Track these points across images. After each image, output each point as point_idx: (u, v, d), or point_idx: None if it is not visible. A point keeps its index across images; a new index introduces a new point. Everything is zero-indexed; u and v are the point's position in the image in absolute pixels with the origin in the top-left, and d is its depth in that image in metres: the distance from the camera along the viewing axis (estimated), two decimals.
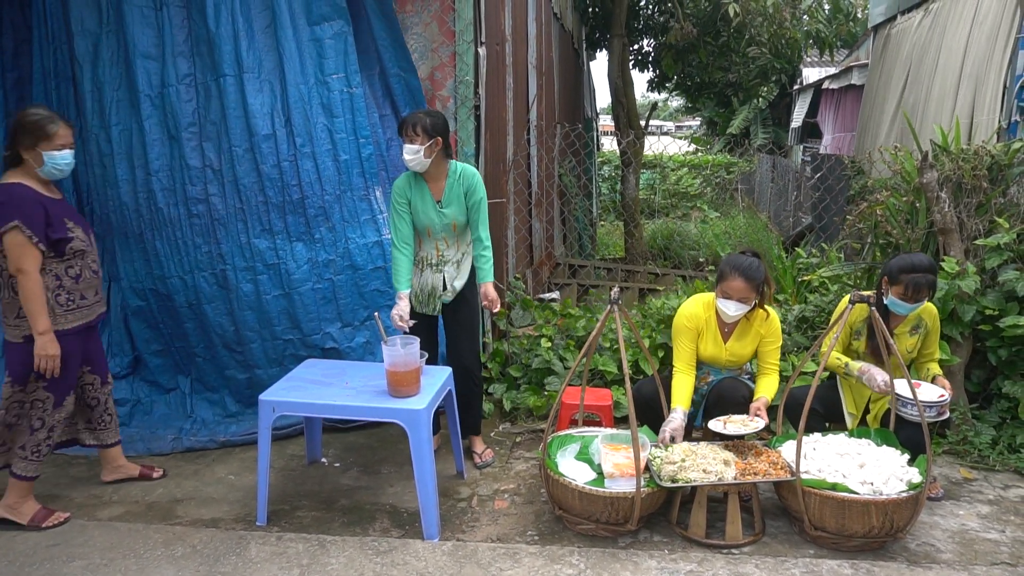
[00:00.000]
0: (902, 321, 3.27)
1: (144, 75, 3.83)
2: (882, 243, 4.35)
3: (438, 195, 3.40)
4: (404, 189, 3.39)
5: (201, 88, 3.85)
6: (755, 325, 3.27)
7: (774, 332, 3.28)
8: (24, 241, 2.84)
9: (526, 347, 4.48)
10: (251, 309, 3.92)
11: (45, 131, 2.88)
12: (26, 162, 2.92)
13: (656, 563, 2.80)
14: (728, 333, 3.28)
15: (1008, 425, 3.75)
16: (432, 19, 4.20)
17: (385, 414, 2.97)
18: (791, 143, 17.03)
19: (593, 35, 11.54)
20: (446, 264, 3.48)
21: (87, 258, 3.08)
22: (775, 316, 3.31)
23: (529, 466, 3.67)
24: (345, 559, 2.83)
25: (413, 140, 3.25)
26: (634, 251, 9.35)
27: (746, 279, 3.09)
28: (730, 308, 3.13)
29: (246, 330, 3.95)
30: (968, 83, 5.89)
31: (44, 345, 2.90)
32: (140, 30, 3.80)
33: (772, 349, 3.29)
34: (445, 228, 3.43)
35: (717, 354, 3.28)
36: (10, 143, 2.91)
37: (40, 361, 2.91)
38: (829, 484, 2.84)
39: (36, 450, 3.04)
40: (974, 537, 3.01)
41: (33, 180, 2.94)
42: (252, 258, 3.89)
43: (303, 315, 3.93)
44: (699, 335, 3.27)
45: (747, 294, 3.11)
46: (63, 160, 2.93)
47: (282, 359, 3.98)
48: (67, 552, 2.87)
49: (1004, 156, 4.00)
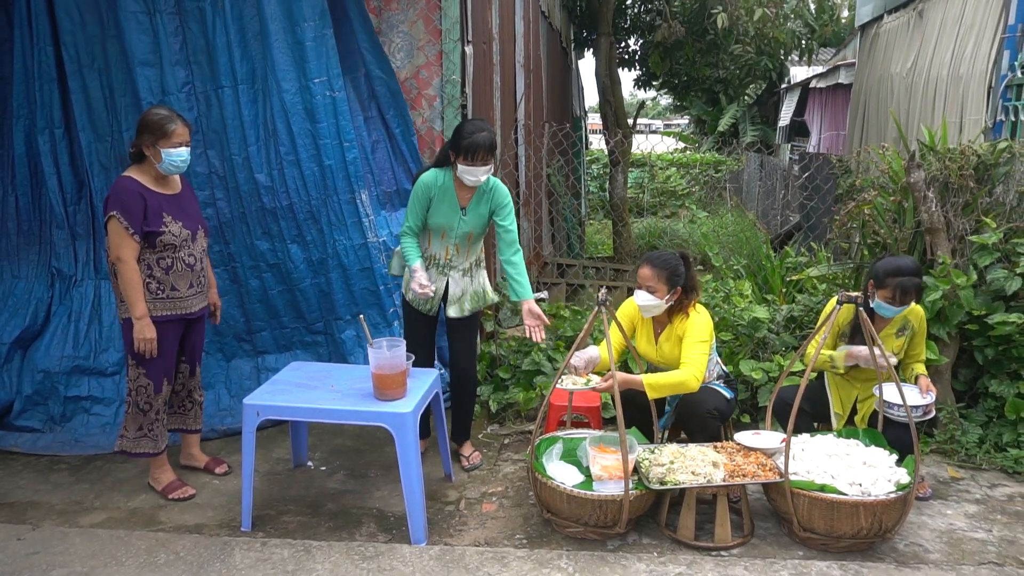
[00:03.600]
0: (888, 323, 3.27)
1: (145, 82, 3.87)
2: (870, 243, 4.35)
3: (464, 203, 3.33)
4: (431, 186, 3.28)
5: (201, 97, 3.94)
6: (676, 327, 3.20)
7: (692, 327, 3.15)
8: (121, 231, 3.04)
9: (514, 348, 4.45)
10: (260, 302, 4.17)
11: (164, 130, 3.06)
12: (147, 158, 3.12)
13: (645, 566, 2.79)
14: (658, 333, 3.30)
15: (995, 424, 3.76)
16: (418, 17, 4.17)
17: (371, 417, 2.93)
18: (779, 142, 17.09)
19: (581, 34, 11.53)
20: (452, 269, 3.42)
21: (180, 251, 3.19)
22: (696, 315, 3.18)
23: (517, 469, 3.64)
24: (331, 565, 2.79)
25: (489, 161, 3.16)
26: (622, 250, 9.34)
27: (652, 266, 3.13)
28: (639, 297, 3.16)
29: (256, 320, 4.19)
30: (955, 83, 5.92)
31: (141, 329, 3.09)
32: (136, 37, 3.82)
33: (689, 343, 3.13)
34: (461, 235, 3.38)
35: (649, 351, 3.31)
36: (135, 141, 3.13)
37: (138, 344, 3.10)
38: (818, 485, 2.83)
39: (151, 428, 3.27)
40: (962, 537, 3.02)
41: (148, 176, 3.15)
42: (257, 258, 4.11)
43: (305, 307, 4.18)
44: (634, 329, 3.34)
45: (653, 283, 3.12)
46: (179, 157, 3.11)
47: (291, 345, 4.25)
48: (47, 560, 2.82)
49: (990, 155, 4.01)
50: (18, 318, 4.09)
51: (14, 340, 4.02)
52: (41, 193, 4.15)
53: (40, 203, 4.17)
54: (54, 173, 4.06)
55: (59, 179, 4.08)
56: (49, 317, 4.15)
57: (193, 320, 3.33)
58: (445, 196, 3.30)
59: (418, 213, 3.32)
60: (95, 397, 3.99)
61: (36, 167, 4.11)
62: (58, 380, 3.98)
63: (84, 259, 4.20)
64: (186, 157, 3.15)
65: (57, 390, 3.97)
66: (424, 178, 3.30)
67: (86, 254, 4.19)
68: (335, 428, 4.02)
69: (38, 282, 4.19)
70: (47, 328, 4.11)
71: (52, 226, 4.16)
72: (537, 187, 7.47)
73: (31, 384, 3.98)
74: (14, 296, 4.16)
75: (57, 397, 3.97)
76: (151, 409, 3.25)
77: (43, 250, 4.22)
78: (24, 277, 4.21)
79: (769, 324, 4.30)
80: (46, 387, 3.98)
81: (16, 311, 4.12)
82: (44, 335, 4.09)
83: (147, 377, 3.21)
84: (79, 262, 4.20)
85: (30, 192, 4.14)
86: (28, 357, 4.06)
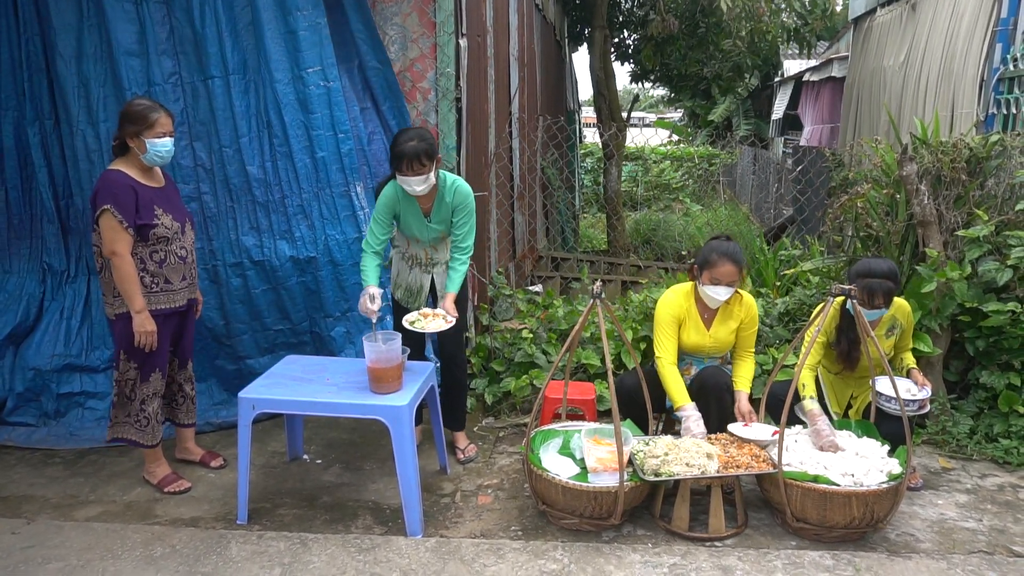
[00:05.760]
0: (876, 324, 3.28)
1: (128, 72, 3.79)
2: (862, 235, 4.37)
3: (427, 210, 3.34)
4: (392, 204, 3.30)
5: (188, 88, 3.86)
6: (734, 308, 3.29)
7: (752, 315, 3.31)
8: (116, 225, 3.01)
9: (509, 341, 4.46)
10: (241, 303, 4.01)
11: (147, 120, 3.03)
12: (131, 150, 3.09)
13: (640, 556, 2.81)
14: (709, 320, 3.30)
15: (986, 415, 3.79)
16: (412, 9, 4.15)
17: (367, 411, 2.94)
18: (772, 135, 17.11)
19: (575, 27, 11.52)
20: (435, 265, 3.46)
21: (172, 244, 3.19)
22: (750, 298, 3.34)
23: (512, 461, 3.65)
24: (327, 557, 2.80)
25: (420, 171, 3.12)
26: (617, 244, 9.36)
27: (734, 262, 3.14)
28: (720, 294, 3.16)
29: (236, 322, 4.02)
30: (948, 76, 5.94)
31: (142, 322, 3.08)
32: (122, 26, 3.75)
33: (750, 334, 3.32)
34: (433, 239, 3.40)
35: (701, 342, 3.29)
36: (118, 132, 3.09)
37: (139, 337, 3.09)
38: (811, 476, 2.86)
39: (137, 419, 3.25)
40: (952, 526, 3.05)
41: (134, 168, 3.12)
42: (240, 254, 3.96)
43: (291, 307, 4.04)
44: (681, 325, 3.29)
45: (735, 277, 3.15)
46: (163, 147, 3.10)
47: (273, 348, 4.09)
48: (42, 554, 2.82)
49: (982, 149, 4.03)
50: (9, 314, 4.07)
51: (6, 337, 4.00)
52: (32, 187, 4.11)
53: (31, 197, 4.13)
54: (44, 166, 4.02)
55: (50, 172, 4.05)
56: (41, 313, 4.12)
57: (183, 313, 3.33)
58: (409, 206, 3.32)
59: (383, 227, 3.32)
60: (88, 392, 3.98)
61: (26, 160, 4.06)
62: (49, 378, 3.96)
63: (76, 255, 4.17)
64: (170, 148, 3.13)
65: (49, 387, 3.95)
66: (386, 191, 3.30)
67: (78, 249, 4.16)
68: (330, 421, 4.03)
69: (30, 277, 4.16)
70: (39, 325, 4.09)
71: (43, 220, 4.13)
72: (532, 180, 7.47)
73: (23, 382, 3.96)
74: (5, 291, 4.13)
75: (50, 394, 3.95)
76: (135, 397, 3.23)
77: (34, 245, 4.18)
78: (16, 272, 4.17)
79: (763, 318, 4.32)
80: (38, 385, 3.96)
81: (7, 307, 4.09)
82: (36, 332, 4.06)
83: (136, 370, 3.20)
84: (71, 257, 4.17)
85: (20, 185, 4.09)
86: (20, 355, 4.02)
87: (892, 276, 3.13)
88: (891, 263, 3.21)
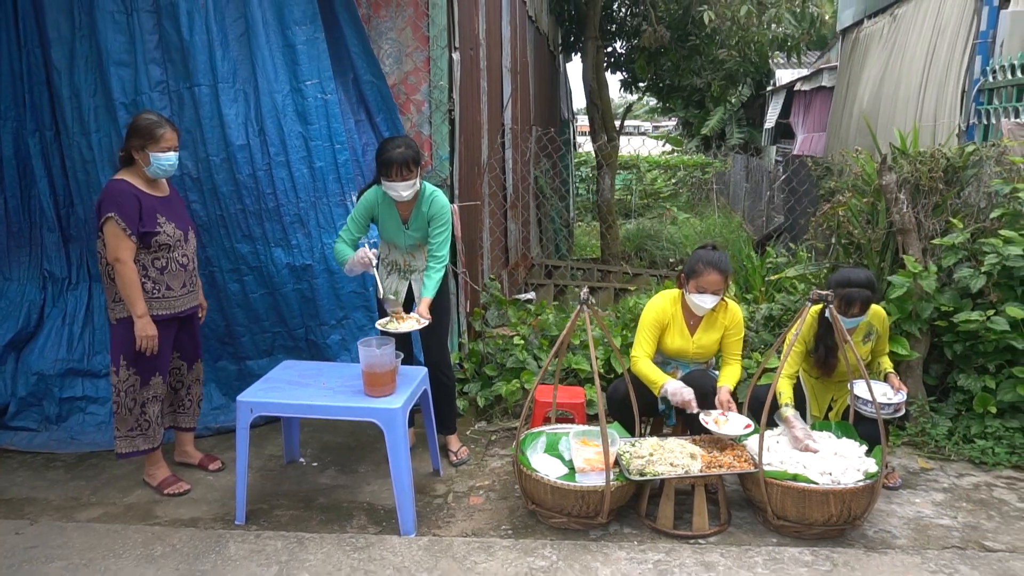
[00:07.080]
0: (853, 331, 3.38)
1: (118, 82, 3.83)
2: (845, 243, 4.49)
3: (406, 217, 3.46)
4: (372, 206, 3.44)
5: (175, 96, 3.87)
6: (719, 316, 3.39)
7: (737, 323, 3.40)
8: (119, 232, 3.10)
9: (501, 347, 4.56)
10: (239, 307, 4.10)
11: (153, 134, 3.14)
12: (136, 162, 3.19)
13: (625, 554, 2.90)
14: (694, 326, 3.40)
15: (963, 417, 3.90)
16: (406, 24, 4.27)
17: (362, 413, 3.03)
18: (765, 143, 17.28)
19: (568, 37, 11.66)
20: (413, 272, 3.58)
21: (174, 252, 3.28)
22: (735, 307, 3.43)
23: (504, 463, 3.75)
24: (323, 555, 2.89)
25: (408, 177, 3.28)
26: (609, 252, 9.47)
27: (720, 272, 3.24)
28: (707, 301, 3.26)
29: (236, 325, 4.12)
30: (931, 87, 6.07)
31: (143, 327, 3.16)
32: (112, 36, 3.80)
33: (735, 340, 3.41)
34: (410, 246, 3.54)
35: (685, 347, 3.39)
36: (124, 144, 3.20)
37: (140, 341, 3.17)
38: (790, 475, 2.96)
39: (139, 424, 3.32)
40: (928, 523, 3.15)
41: (139, 178, 3.21)
42: (237, 260, 4.05)
43: (287, 312, 4.14)
44: (664, 329, 3.39)
45: (721, 286, 3.26)
46: (167, 161, 3.20)
47: (272, 350, 4.21)
48: (45, 553, 2.89)
49: (959, 159, 4.15)
50: (11, 320, 4.14)
51: (7, 343, 4.08)
52: (31, 195, 4.18)
53: (30, 205, 4.20)
54: (45, 176, 4.11)
55: (51, 182, 4.13)
56: (42, 320, 4.20)
57: (185, 318, 3.41)
58: (388, 212, 3.45)
59: (358, 227, 3.47)
60: (90, 397, 4.06)
61: (25, 169, 4.14)
62: (52, 382, 4.04)
63: (77, 262, 4.25)
64: (174, 161, 3.22)
65: (52, 392, 4.03)
66: (367, 195, 3.45)
67: (79, 257, 4.24)
68: (326, 425, 4.11)
69: (30, 284, 4.24)
70: (40, 331, 4.17)
71: (43, 228, 4.21)
72: (524, 190, 7.58)
73: (25, 386, 4.03)
74: (6, 298, 4.21)
75: (52, 398, 4.03)
76: (136, 404, 3.29)
77: (34, 252, 4.26)
78: (16, 279, 4.25)
79: (748, 322, 4.43)
80: (40, 389, 4.04)
81: (9, 313, 4.17)
82: (38, 338, 4.15)
83: (137, 375, 3.26)
84: (72, 265, 4.25)
85: (19, 194, 4.17)
86: (22, 360, 4.10)
87: (869, 285, 3.25)
88: (869, 273, 3.32)
